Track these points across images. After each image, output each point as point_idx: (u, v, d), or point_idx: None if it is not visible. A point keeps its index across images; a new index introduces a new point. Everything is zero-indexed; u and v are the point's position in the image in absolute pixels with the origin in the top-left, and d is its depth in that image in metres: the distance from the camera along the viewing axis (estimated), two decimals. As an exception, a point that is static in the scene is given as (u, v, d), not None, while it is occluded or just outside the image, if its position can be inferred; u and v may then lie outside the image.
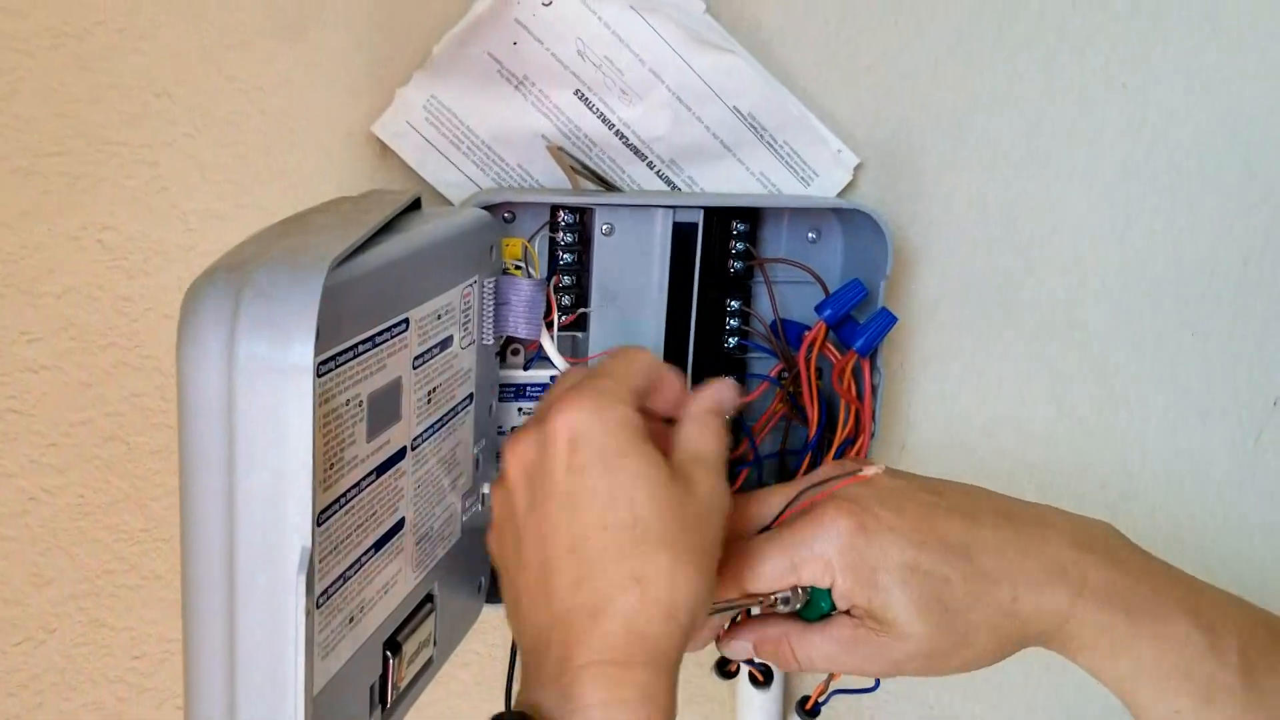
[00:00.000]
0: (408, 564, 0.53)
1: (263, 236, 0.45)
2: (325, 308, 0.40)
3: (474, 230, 0.57)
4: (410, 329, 0.50)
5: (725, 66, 0.66)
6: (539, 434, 0.48)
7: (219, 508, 0.40)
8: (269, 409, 0.39)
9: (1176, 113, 0.75)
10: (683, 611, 0.46)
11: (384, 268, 0.48)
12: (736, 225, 0.68)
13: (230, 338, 0.39)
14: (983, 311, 0.76)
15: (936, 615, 0.53)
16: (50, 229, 0.63)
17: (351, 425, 0.46)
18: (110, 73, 0.62)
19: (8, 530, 0.66)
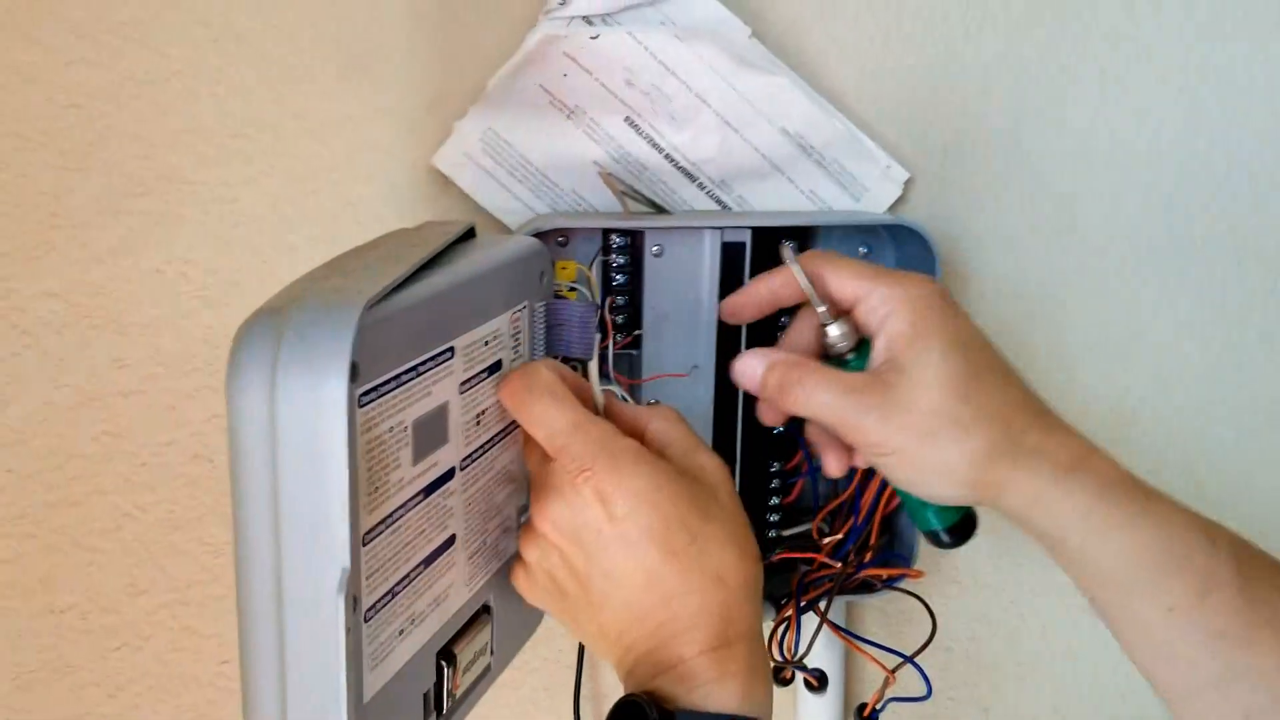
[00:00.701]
0: (460, 578, 0.56)
1: (310, 277, 0.48)
2: (366, 342, 0.43)
3: (524, 258, 0.59)
4: (456, 356, 0.53)
5: (771, 89, 0.68)
6: (565, 500, 0.52)
7: (267, 532, 0.43)
8: (308, 442, 0.42)
9: (1236, 118, 0.75)
10: (756, 580, 0.53)
11: (428, 300, 0.50)
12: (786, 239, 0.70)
13: (272, 377, 0.42)
14: (1035, 321, 0.77)
15: (952, 397, 0.54)
16: (137, 264, 0.68)
17: (396, 450, 0.49)
18: (187, 117, 0.67)
19: (104, 544, 0.71)
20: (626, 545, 0.52)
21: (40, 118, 0.66)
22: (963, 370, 0.55)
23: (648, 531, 0.51)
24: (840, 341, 0.58)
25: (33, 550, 0.70)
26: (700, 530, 0.52)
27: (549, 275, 0.62)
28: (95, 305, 0.68)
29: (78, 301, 0.68)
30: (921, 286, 0.56)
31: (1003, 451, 0.54)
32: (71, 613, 0.71)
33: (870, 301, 0.57)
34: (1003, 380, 0.56)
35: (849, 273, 0.57)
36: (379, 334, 0.46)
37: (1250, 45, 0.74)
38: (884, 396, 0.55)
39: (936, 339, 0.55)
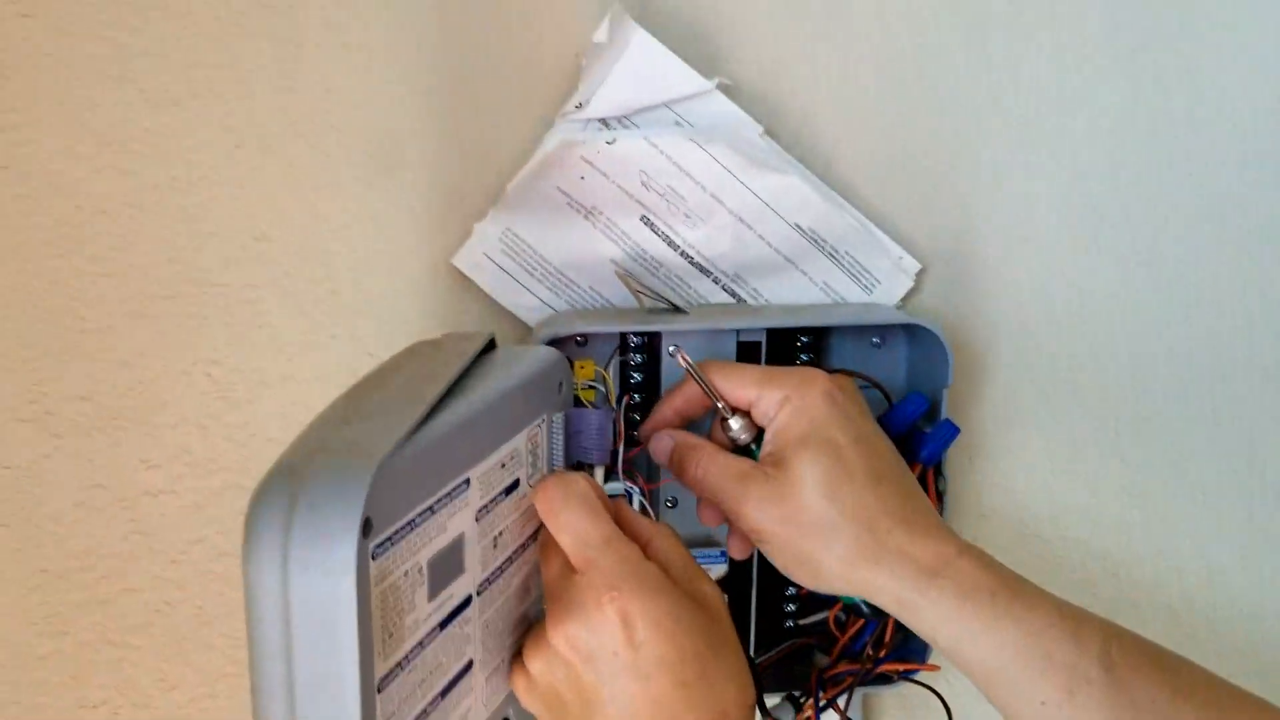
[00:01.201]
0: (478, 700, 0.56)
1: (327, 422, 0.49)
2: (380, 494, 0.44)
3: (543, 371, 0.60)
4: (472, 486, 0.53)
5: (784, 187, 0.70)
6: (587, 622, 0.52)
7: (281, 694, 0.44)
8: (318, 609, 0.43)
9: (1245, 200, 0.76)
10: (752, 711, 0.55)
11: (445, 438, 0.50)
12: (800, 337, 0.72)
13: (285, 544, 0.43)
14: (1051, 402, 0.78)
15: (821, 498, 0.58)
16: (164, 365, 0.70)
17: (411, 593, 0.49)
18: (213, 221, 0.69)
19: (135, 640, 0.72)
20: (640, 673, 0.52)
21: (69, 224, 0.67)
22: (834, 472, 0.58)
23: (663, 662, 0.52)
24: (741, 433, 0.63)
25: (65, 648, 0.71)
26: (710, 663, 0.53)
27: (568, 384, 0.63)
28: (124, 407, 0.70)
29: (107, 404, 0.69)
30: (807, 388, 0.60)
31: (867, 554, 0.57)
32: (104, 708, 0.73)
33: (761, 405, 0.61)
34: (874, 481, 0.59)
35: (739, 380, 0.62)
36: (393, 483, 0.46)
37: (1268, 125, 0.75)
38: (762, 488, 0.59)
39: (813, 440, 0.59)
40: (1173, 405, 0.79)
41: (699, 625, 0.53)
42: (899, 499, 0.59)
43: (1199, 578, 0.82)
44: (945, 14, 0.72)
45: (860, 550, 0.57)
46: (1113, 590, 0.82)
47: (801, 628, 0.76)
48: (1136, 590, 0.82)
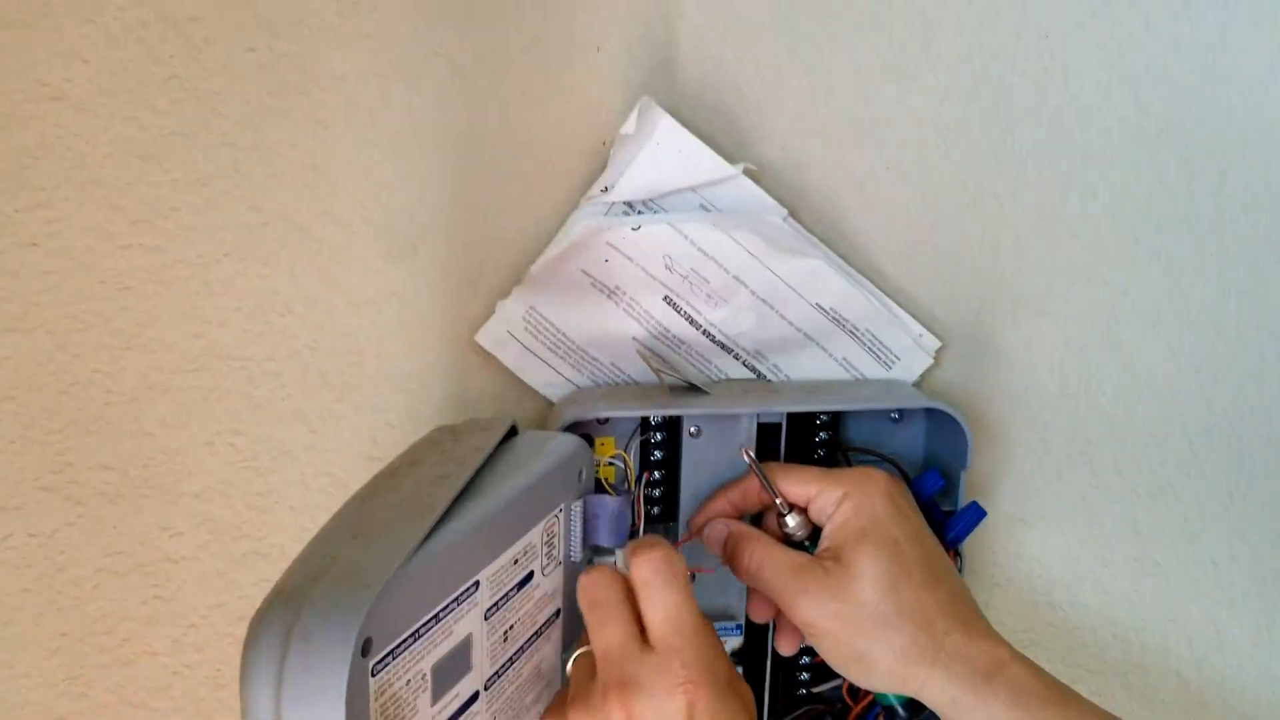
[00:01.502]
0: None
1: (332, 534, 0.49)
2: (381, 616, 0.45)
3: (563, 461, 0.60)
4: (481, 588, 0.54)
5: (806, 269, 0.70)
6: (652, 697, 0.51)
7: None
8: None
9: (1267, 280, 0.76)
10: None
11: (454, 546, 0.51)
12: (819, 415, 0.72)
13: (279, 675, 0.44)
14: (1066, 475, 0.79)
15: (880, 593, 0.58)
16: (189, 436, 0.70)
17: (413, 699, 0.49)
18: (237, 297, 0.69)
19: (156, 702, 0.73)
20: None
21: (94, 299, 0.68)
22: (893, 568, 0.59)
23: None
24: (798, 530, 0.63)
25: (85, 709, 0.73)
26: None
27: (588, 471, 0.64)
28: (147, 476, 0.70)
29: (131, 473, 0.70)
30: (866, 485, 0.62)
31: (923, 652, 0.58)
32: (123, 766, 0.74)
33: (819, 501, 0.62)
34: (932, 581, 0.60)
35: (801, 477, 0.63)
36: (396, 601, 0.47)
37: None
38: (820, 582, 0.59)
39: (873, 536, 0.60)
40: (1188, 480, 0.80)
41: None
42: (953, 600, 0.60)
43: (1209, 645, 0.83)
44: (970, 97, 0.73)
45: (918, 649, 0.58)
46: (1122, 655, 0.83)
47: (815, 694, 0.77)
48: (1146, 655, 0.83)
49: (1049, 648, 0.82)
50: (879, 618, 0.58)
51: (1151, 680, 0.83)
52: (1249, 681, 0.84)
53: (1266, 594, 0.83)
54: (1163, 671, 0.84)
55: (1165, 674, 0.84)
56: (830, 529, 0.62)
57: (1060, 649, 0.82)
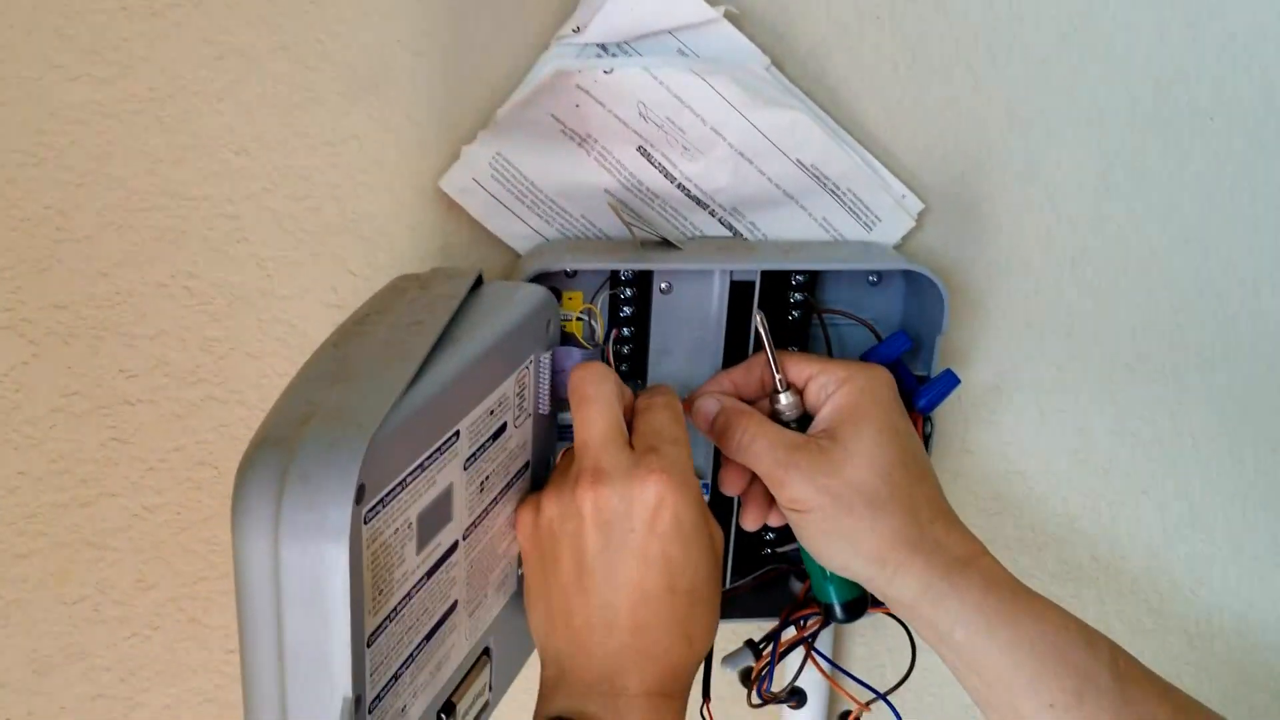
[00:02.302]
0: (461, 636, 0.58)
1: (311, 381, 0.48)
2: (371, 460, 0.44)
3: (532, 313, 0.59)
4: (461, 438, 0.54)
5: (787, 122, 0.68)
6: (625, 485, 0.55)
7: (271, 668, 0.45)
8: (309, 580, 0.44)
9: (1266, 146, 0.74)
10: (702, 658, 0.58)
11: (436, 396, 0.50)
12: (796, 276, 0.70)
13: (276, 516, 0.43)
14: (1045, 345, 0.78)
15: (876, 475, 0.59)
16: (142, 278, 0.69)
17: (400, 548, 0.50)
18: (191, 133, 0.67)
19: (114, 542, 0.73)
20: (644, 558, 0.55)
21: (45, 133, 0.65)
22: (891, 455, 0.59)
23: (668, 559, 0.55)
24: (789, 410, 0.63)
25: (45, 547, 0.73)
26: (700, 587, 0.56)
27: (555, 323, 0.63)
28: (102, 317, 0.69)
29: (85, 314, 0.69)
30: (871, 373, 0.62)
31: (907, 537, 0.58)
32: (84, 604, 0.74)
33: (821, 379, 0.62)
34: (921, 474, 0.60)
35: (804, 357, 0.63)
36: (386, 448, 0.47)
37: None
38: (813, 458, 0.59)
39: (873, 421, 0.60)
40: (1170, 352, 0.79)
41: (706, 551, 0.56)
42: (937, 495, 0.61)
43: (1181, 518, 0.83)
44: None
45: (903, 533, 0.58)
46: (1091, 526, 0.83)
47: (778, 554, 0.77)
48: (1116, 526, 0.83)
49: (1017, 516, 0.82)
50: (871, 498, 0.58)
51: (1119, 551, 0.83)
52: (1219, 555, 0.85)
53: (1243, 469, 0.82)
54: (1132, 543, 0.84)
55: (1135, 546, 0.84)
56: (829, 410, 0.61)
57: (1029, 518, 0.82)
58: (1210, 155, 0.74)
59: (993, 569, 0.58)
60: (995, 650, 0.56)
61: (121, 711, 0.78)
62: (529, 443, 0.62)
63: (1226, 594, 0.86)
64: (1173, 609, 0.85)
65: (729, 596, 0.76)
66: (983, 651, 0.56)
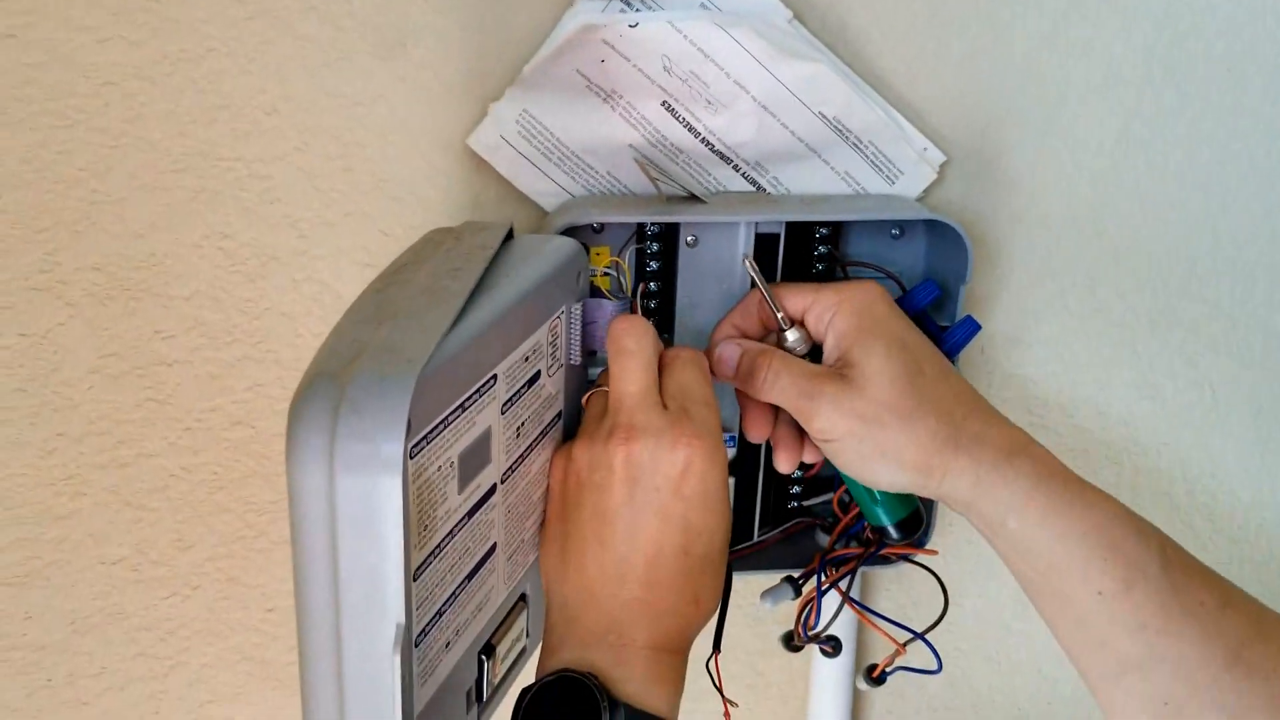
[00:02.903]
0: (500, 580, 0.59)
1: (358, 321, 0.50)
2: (416, 400, 0.45)
3: (564, 263, 0.60)
4: (499, 381, 0.55)
5: (810, 75, 0.68)
6: (656, 446, 0.56)
7: (325, 590, 0.46)
8: (363, 509, 0.45)
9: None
10: (714, 612, 0.58)
11: (475, 339, 0.51)
12: (819, 228, 0.71)
13: (330, 448, 0.44)
14: (1067, 297, 0.78)
15: (898, 388, 0.59)
16: (176, 239, 0.69)
17: (443, 486, 0.51)
18: (222, 94, 0.67)
19: (152, 502, 0.74)
20: (664, 516, 0.55)
21: (76, 95, 0.66)
22: (906, 365, 0.59)
23: (687, 522, 0.55)
24: (798, 345, 0.63)
25: (84, 508, 0.73)
26: (711, 552, 0.57)
27: (585, 275, 0.63)
28: (137, 279, 0.69)
29: (120, 275, 0.69)
30: (862, 290, 0.62)
31: (945, 438, 0.58)
32: (122, 565, 0.75)
33: (816, 309, 0.62)
34: (942, 374, 0.60)
35: (795, 289, 0.63)
36: (429, 386, 0.48)
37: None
38: (837, 385, 0.59)
39: (880, 336, 0.60)
40: (1191, 304, 0.79)
41: (723, 518, 0.57)
42: (965, 390, 0.61)
43: (1201, 470, 0.83)
44: (989, -107, 0.69)
45: (941, 436, 0.58)
46: (1114, 478, 0.83)
47: (805, 508, 0.77)
48: (1139, 478, 0.83)
49: None
50: (900, 411, 0.58)
51: (1142, 503, 0.83)
52: (1239, 507, 0.85)
53: (1262, 421, 0.82)
54: (1154, 495, 0.84)
55: (1157, 497, 0.84)
56: (834, 338, 0.62)
57: None
58: (1227, 106, 0.74)
59: (1043, 458, 0.58)
60: (1047, 539, 0.56)
61: (161, 670, 0.78)
62: (561, 392, 0.62)
63: (1246, 545, 0.86)
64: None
65: (757, 549, 0.76)
66: (1034, 540, 0.56)
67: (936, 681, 0.89)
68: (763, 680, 0.86)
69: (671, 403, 0.57)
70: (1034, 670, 0.89)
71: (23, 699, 0.77)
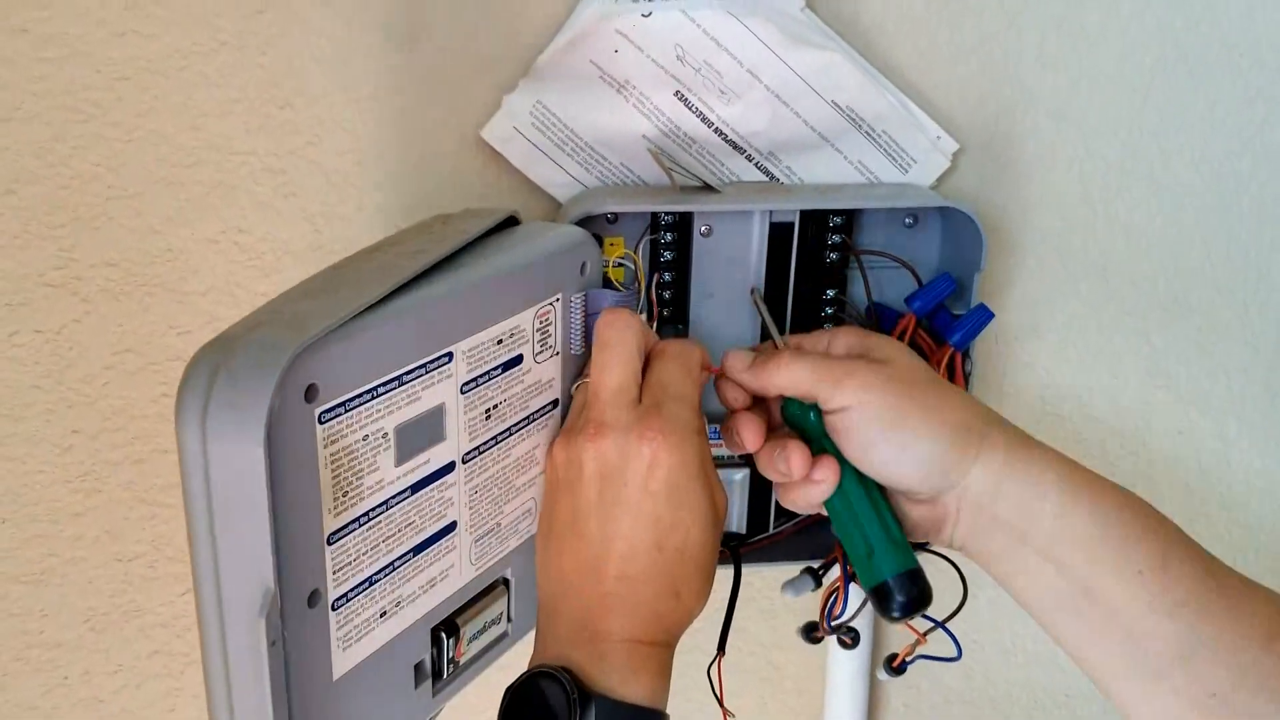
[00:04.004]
0: (463, 559, 0.58)
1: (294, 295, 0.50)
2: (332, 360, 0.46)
3: (562, 250, 0.60)
4: (456, 360, 0.54)
5: (823, 63, 0.67)
6: (623, 442, 0.55)
7: (209, 555, 0.46)
8: (232, 475, 0.45)
9: (1295, 83, 0.73)
10: (694, 616, 0.57)
11: (417, 312, 0.51)
12: (833, 218, 0.70)
13: (204, 410, 0.44)
14: (1080, 285, 0.77)
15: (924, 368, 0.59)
16: (192, 233, 0.68)
17: (373, 455, 0.51)
18: (235, 88, 0.66)
19: (168, 499, 0.73)
20: (634, 516, 0.54)
21: (91, 89, 0.65)
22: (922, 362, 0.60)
23: (656, 520, 0.54)
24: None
25: (100, 504, 0.72)
26: (689, 547, 0.55)
27: (594, 265, 0.62)
28: (152, 274, 0.69)
29: (135, 271, 0.68)
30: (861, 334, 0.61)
31: (978, 411, 0.58)
32: (139, 561, 0.74)
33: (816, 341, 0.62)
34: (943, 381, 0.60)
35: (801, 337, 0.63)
36: (347, 350, 0.48)
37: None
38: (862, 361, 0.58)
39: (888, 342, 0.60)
40: (1204, 291, 0.78)
41: (699, 512, 0.55)
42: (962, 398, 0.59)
43: (1216, 458, 0.82)
44: (1000, -120, 0.68)
45: (973, 406, 0.57)
46: (1130, 467, 0.82)
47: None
48: (1154, 468, 0.82)
49: None
50: (931, 379, 0.58)
51: (1158, 491, 0.83)
52: (1255, 494, 0.84)
53: (1276, 407, 0.81)
54: (1170, 484, 0.83)
55: (1172, 486, 0.83)
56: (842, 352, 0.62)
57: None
58: (1241, 91, 0.73)
59: (1053, 459, 0.57)
60: (1083, 515, 0.54)
61: (178, 667, 0.77)
62: (557, 380, 0.62)
63: (1262, 533, 0.85)
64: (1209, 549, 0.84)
65: (772, 541, 0.75)
66: (1072, 518, 0.54)
67: (953, 674, 0.87)
68: (778, 674, 0.85)
69: (647, 397, 0.56)
70: (1051, 662, 0.88)
71: (39, 696, 0.76)
